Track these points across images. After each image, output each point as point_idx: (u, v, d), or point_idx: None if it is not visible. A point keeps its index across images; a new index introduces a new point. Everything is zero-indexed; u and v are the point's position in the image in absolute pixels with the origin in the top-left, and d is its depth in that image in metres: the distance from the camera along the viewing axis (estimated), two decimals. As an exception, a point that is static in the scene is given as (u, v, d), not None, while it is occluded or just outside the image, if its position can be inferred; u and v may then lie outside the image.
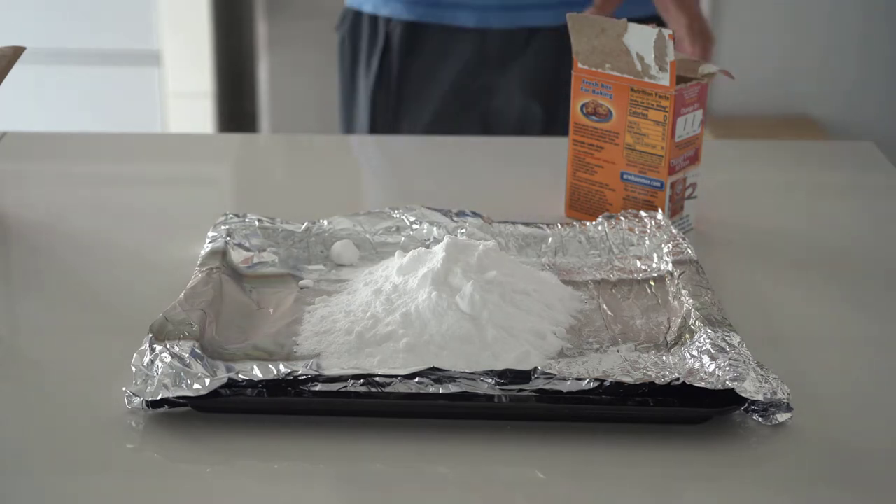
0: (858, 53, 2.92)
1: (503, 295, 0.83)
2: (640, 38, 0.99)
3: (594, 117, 1.04)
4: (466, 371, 0.74)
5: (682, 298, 0.87)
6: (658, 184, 1.02)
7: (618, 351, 0.82)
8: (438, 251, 0.86)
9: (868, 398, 0.80)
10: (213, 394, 0.73)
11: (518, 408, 0.75)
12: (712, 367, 0.76)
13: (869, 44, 2.91)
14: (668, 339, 0.83)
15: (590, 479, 0.72)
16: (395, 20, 1.47)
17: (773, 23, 2.93)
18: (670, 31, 0.97)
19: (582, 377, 0.74)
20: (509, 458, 0.73)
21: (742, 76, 2.95)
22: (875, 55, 2.92)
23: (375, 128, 1.51)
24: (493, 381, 0.74)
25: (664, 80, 0.99)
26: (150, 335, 0.77)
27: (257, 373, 0.74)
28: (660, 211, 0.99)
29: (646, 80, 1.00)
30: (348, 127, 1.58)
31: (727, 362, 0.76)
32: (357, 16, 1.52)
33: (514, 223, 0.99)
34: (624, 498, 0.71)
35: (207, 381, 0.73)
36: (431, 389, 0.74)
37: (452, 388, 0.74)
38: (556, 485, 0.71)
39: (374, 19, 1.50)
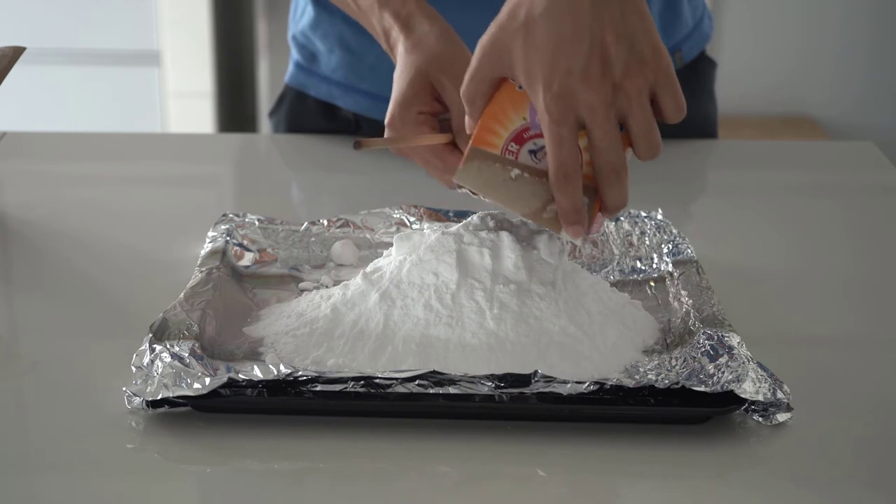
0: (861, 55, 2.92)
1: (509, 301, 0.83)
2: None
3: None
4: (467, 374, 0.74)
5: (682, 299, 0.87)
6: None
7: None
8: (439, 251, 0.86)
9: (868, 398, 0.80)
10: (213, 394, 0.73)
11: (518, 408, 0.74)
12: (712, 367, 0.76)
13: (875, 46, 2.91)
14: (668, 340, 0.83)
15: (590, 479, 0.72)
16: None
17: (775, 24, 2.93)
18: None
19: (582, 380, 0.74)
20: (509, 458, 0.73)
21: (744, 77, 2.95)
22: (881, 58, 2.92)
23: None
24: (494, 385, 0.74)
25: None
26: (150, 335, 0.77)
27: (257, 373, 0.74)
28: (660, 211, 0.99)
29: None
30: None
31: (727, 363, 0.76)
32: None
33: (513, 224, 0.98)
34: (624, 497, 0.71)
35: (207, 380, 0.73)
36: (432, 392, 0.74)
37: (453, 391, 0.74)
38: (557, 484, 0.71)
39: None
